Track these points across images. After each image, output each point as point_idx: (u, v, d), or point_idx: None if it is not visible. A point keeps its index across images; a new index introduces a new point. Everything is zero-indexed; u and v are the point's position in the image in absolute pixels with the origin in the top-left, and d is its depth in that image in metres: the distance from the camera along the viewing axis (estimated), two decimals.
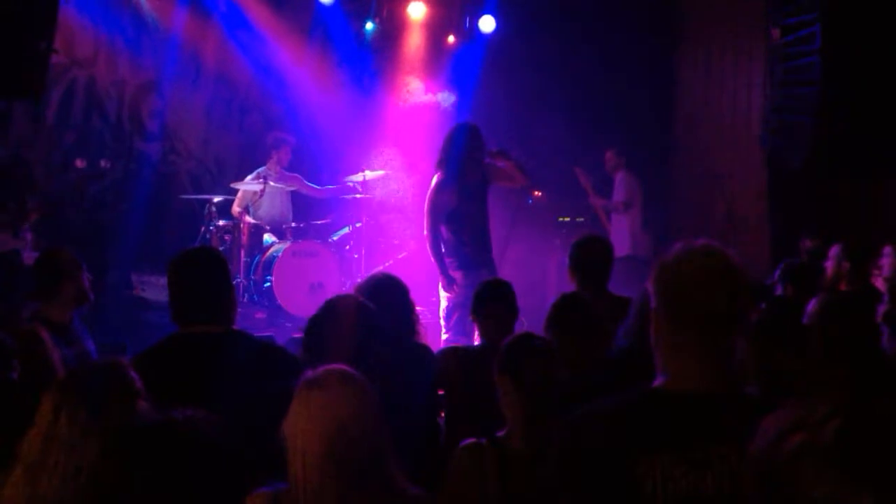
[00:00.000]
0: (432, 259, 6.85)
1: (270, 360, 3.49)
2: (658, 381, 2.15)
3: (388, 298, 3.82)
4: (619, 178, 9.77)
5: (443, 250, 6.83)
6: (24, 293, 3.85)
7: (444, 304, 6.82)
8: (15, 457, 2.31)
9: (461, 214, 6.86)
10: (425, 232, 6.84)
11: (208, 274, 3.54)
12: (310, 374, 2.47)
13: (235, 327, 3.67)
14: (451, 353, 4.32)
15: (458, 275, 6.74)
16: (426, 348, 4.11)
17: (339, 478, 2.34)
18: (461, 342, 6.07)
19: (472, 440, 3.06)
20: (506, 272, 7.52)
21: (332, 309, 3.39)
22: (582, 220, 10.44)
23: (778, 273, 5.61)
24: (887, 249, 5.97)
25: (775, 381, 3.23)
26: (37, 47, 5.79)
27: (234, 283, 8.63)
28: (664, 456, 2.02)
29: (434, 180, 6.92)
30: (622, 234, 9.57)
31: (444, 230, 6.86)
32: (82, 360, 4.12)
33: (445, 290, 6.76)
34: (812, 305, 3.33)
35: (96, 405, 2.26)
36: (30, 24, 5.79)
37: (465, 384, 3.96)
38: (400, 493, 2.44)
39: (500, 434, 3.08)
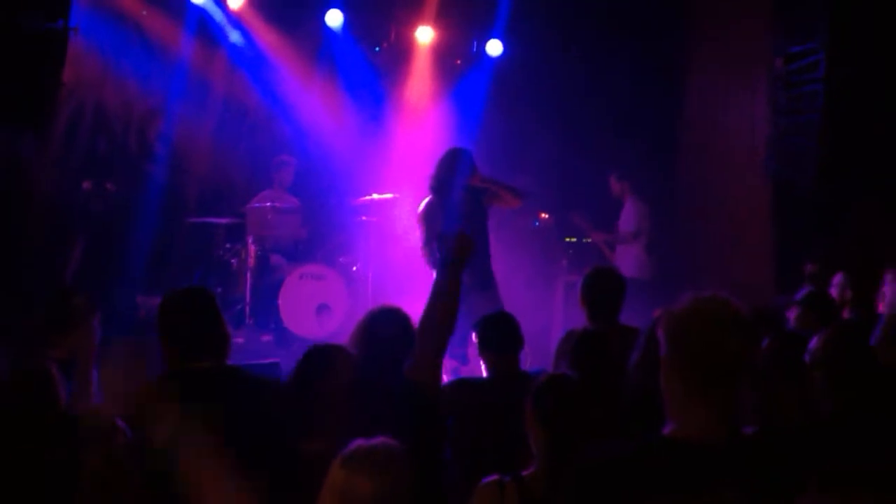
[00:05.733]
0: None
1: (263, 396, 3.48)
2: (667, 429, 2.20)
3: (386, 335, 3.72)
4: (628, 205, 9.73)
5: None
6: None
7: None
8: None
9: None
10: (422, 252, 6.94)
11: (195, 314, 3.55)
12: (353, 446, 2.46)
13: (231, 362, 3.64)
14: (458, 385, 4.28)
15: None
16: (423, 384, 3.79)
17: None
18: (454, 365, 6.31)
19: (494, 477, 2.98)
20: (512, 293, 7.57)
21: (315, 363, 3.38)
22: (589, 240, 10.44)
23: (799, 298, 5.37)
24: (889, 276, 5.85)
25: (776, 416, 3.26)
26: (46, 81, 5.84)
27: (239, 307, 8.81)
28: (671, 503, 2.06)
29: (424, 203, 7.01)
30: (628, 259, 9.53)
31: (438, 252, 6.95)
32: None
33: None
34: (815, 341, 3.34)
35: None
36: (40, 58, 5.84)
37: (475, 418, 3.92)
38: None
39: (526, 473, 3.00)
